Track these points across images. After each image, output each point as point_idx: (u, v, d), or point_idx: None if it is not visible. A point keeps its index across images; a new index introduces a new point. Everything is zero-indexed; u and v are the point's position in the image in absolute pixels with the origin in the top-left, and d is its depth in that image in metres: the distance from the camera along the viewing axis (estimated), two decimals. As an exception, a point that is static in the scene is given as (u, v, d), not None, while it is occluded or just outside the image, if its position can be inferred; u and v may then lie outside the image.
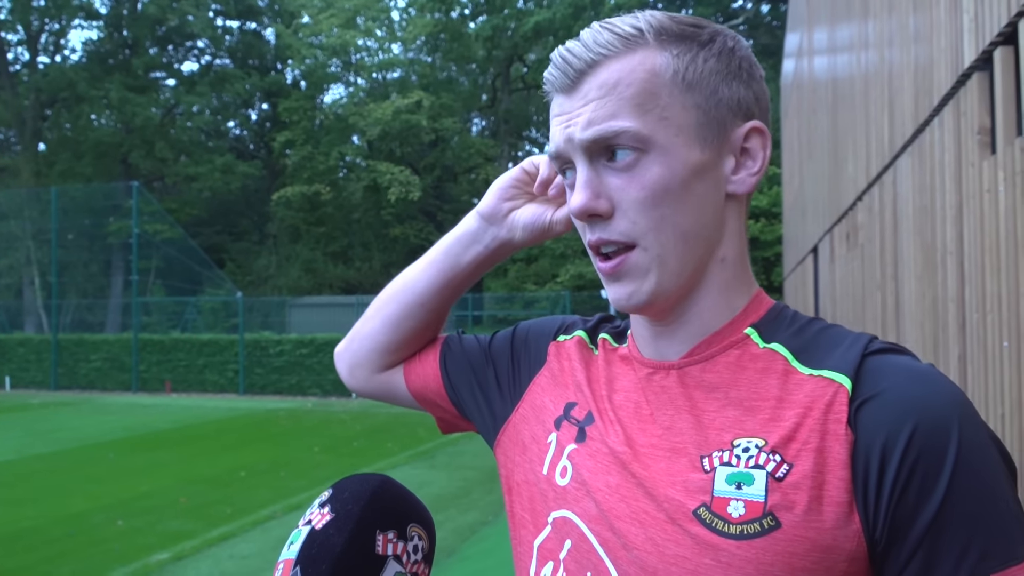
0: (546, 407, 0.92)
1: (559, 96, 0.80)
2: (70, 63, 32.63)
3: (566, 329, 0.98)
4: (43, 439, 11.69)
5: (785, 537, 0.69)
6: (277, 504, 7.38)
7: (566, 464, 0.84)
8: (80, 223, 25.58)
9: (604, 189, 0.77)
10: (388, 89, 31.15)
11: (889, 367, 0.72)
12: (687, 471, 0.75)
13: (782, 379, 0.75)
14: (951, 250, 3.20)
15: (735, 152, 0.79)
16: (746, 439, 0.74)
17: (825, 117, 8.64)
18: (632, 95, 0.75)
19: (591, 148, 0.77)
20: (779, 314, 0.81)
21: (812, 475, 0.69)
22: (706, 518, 0.72)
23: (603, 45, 0.77)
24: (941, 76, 3.28)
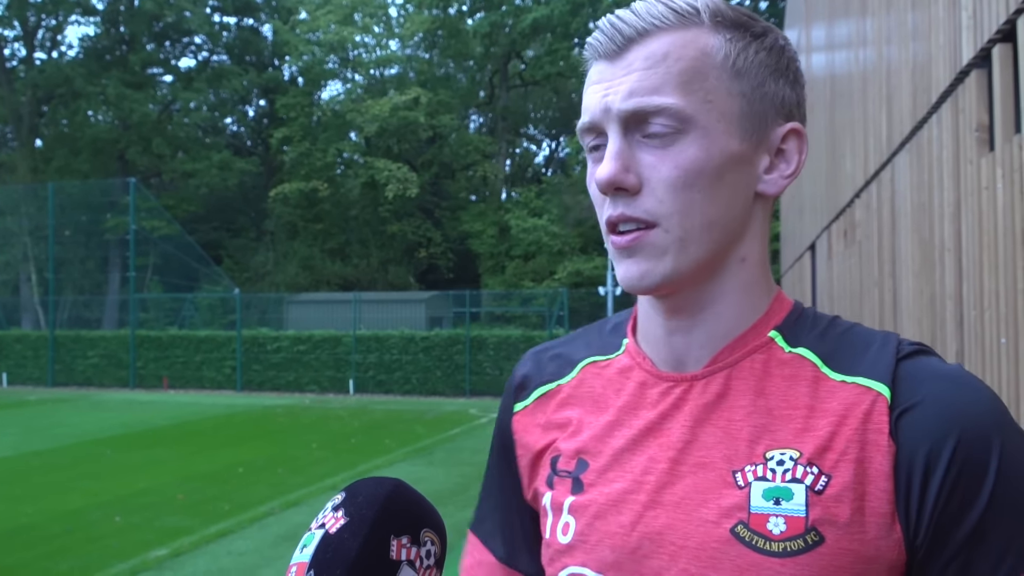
0: (528, 473, 0.87)
1: (601, 62, 0.76)
2: (67, 59, 32.57)
3: (517, 394, 0.90)
4: (40, 436, 11.69)
5: (829, 552, 0.67)
6: (275, 501, 7.38)
7: (567, 520, 0.79)
8: (77, 219, 25.56)
9: (635, 164, 0.73)
10: (386, 85, 31.12)
11: (925, 373, 0.70)
12: (719, 487, 0.71)
13: (812, 386, 0.73)
14: (949, 247, 3.21)
15: (771, 151, 0.77)
16: (779, 451, 0.71)
17: (823, 114, 8.64)
18: (680, 71, 0.72)
19: (628, 120, 0.73)
20: (801, 315, 0.79)
21: (853, 486, 0.68)
22: (745, 536, 0.69)
23: (656, 16, 0.74)
24: (939, 73, 3.28)
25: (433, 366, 18.32)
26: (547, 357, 0.90)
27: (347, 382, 18.59)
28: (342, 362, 18.78)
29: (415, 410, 15.16)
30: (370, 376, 18.55)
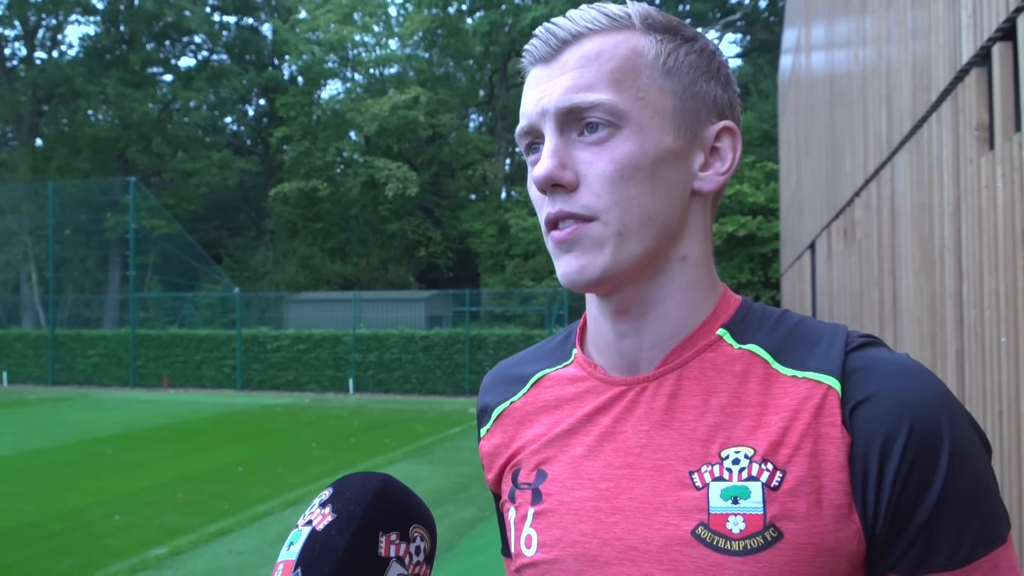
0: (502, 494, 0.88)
1: (537, 67, 0.78)
2: (67, 59, 32.56)
3: (480, 420, 0.92)
4: (40, 434, 11.69)
5: (789, 547, 0.68)
6: (275, 500, 7.38)
7: (529, 533, 0.79)
8: (77, 218, 25.56)
9: (571, 161, 0.74)
10: (385, 85, 31.11)
11: (875, 364, 0.71)
12: (677, 489, 0.72)
13: (763, 382, 0.73)
14: (949, 246, 3.20)
15: (705, 149, 0.78)
16: (734, 449, 0.71)
17: (823, 113, 8.64)
18: (612, 68, 0.74)
19: (564, 118, 0.74)
20: (749, 311, 0.79)
21: (808, 480, 0.69)
22: (706, 537, 0.70)
23: (589, 20, 0.76)
24: (939, 72, 3.28)
25: (433, 365, 18.32)
26: (501, 378, 0.91)
27: (347, 381, 18.59)
28: (342, 361, 18.78)
29: (415, 409, 15.16)
30: (370, 375, 18.55)
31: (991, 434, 2.69)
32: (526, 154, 0.79)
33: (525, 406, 0.86)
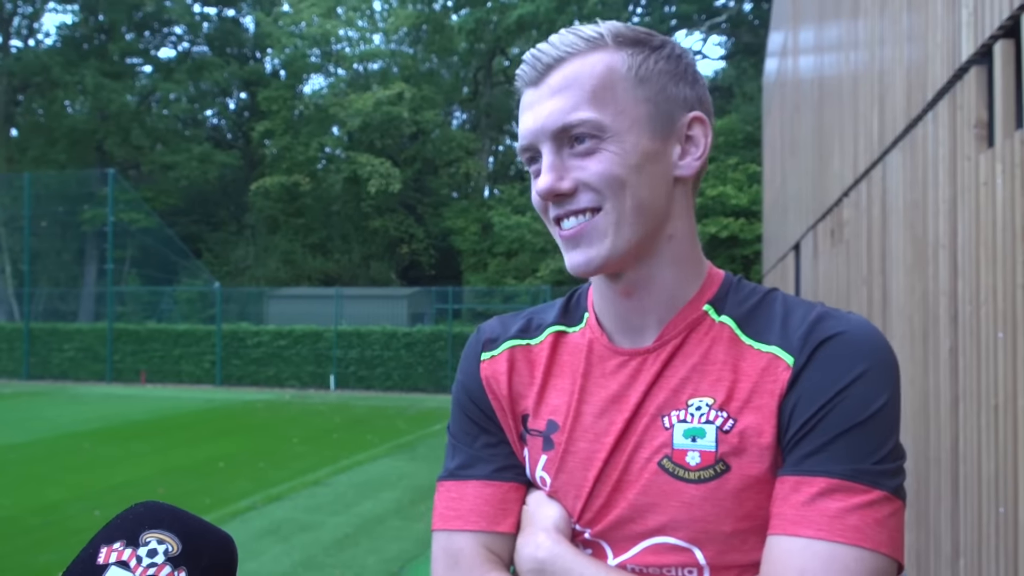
0: (509, 424, 0.98)
1: (528, 89, 0.90)
2: (44, 47, 32.07)
3: (485, 345, 1.01)
4: (17, 429, 11.51)
5: (734, 478, 0.84)
6: (256, 495, 7.32)
7: (542, 475, 0.94)
8: (53, 210, 25.19)
9: (567, 171, 0.87)
10: (369, 80, 30.94)
11: (816, 337, 0.84)
12: (652, 431, 0.88)
13: (729, 348, 0.88)
14: (944, 243, 3.23)
15: (681, 140, 0.90)
16: (698, 399, 0.87)
17: (810, 114, 8.69)
18: (592, 88, 0.86)
19: (556, 136, 0.87)
20: (730, 287, 0.93)
21: (753, 427, 0.84)
22: (669, 467, 0.86)
23: (568, 44, 0.88)
24: (936, 71, 3.30)
25: (415, 362, 18.25)
26: (514, 320, 1.02)
27: (328, 377, 18.48)
28: (323, 357, 18.66)
29: (397, 406, 15.10)
30: (351, 372, 18.45)
31: (986, 430, 2.71)
32: (527, 166, 0.92)
33: (540, 353, 0.98)
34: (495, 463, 0.97)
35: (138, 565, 0.70)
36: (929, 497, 3.48)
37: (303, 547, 5.74)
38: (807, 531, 0.77)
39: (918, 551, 3.74)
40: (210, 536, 0.75)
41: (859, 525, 0.76)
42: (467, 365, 1.01)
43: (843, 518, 0.77)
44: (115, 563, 0.70)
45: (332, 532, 6.13)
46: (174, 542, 0.72)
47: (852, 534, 0.76)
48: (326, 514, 6.69)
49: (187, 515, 0.76)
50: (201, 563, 0.72)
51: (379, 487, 7.71)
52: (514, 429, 0.97)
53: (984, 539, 2.72)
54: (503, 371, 0.98)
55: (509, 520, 0.94)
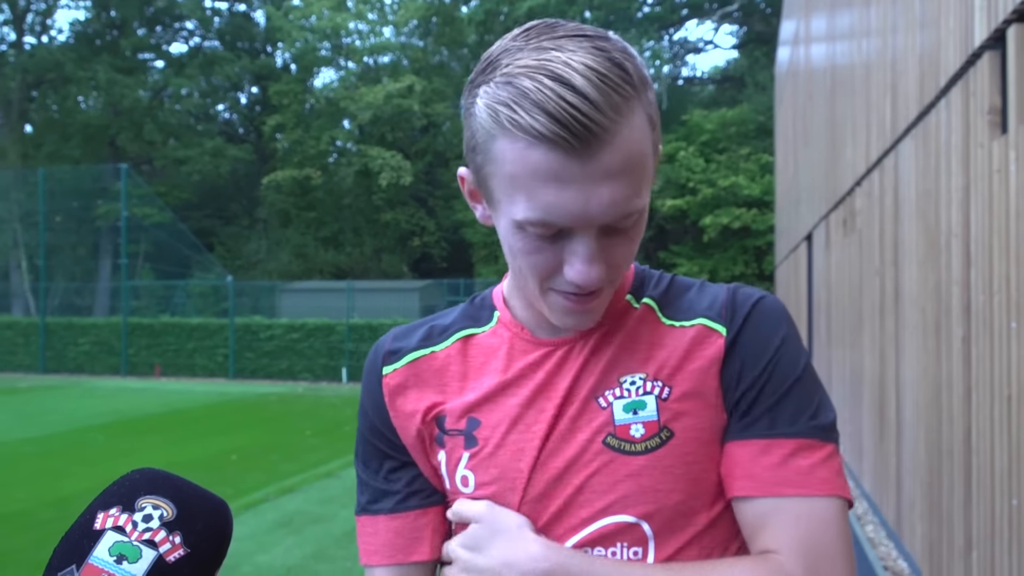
0: (414, 436, 0.94)
1: (565, 157, 0.73)
2: (57, 43, 32.23)
3: (386, 359, 0.97)
4: (32, 422, 11.61)
5: (679, 442, 0.85)
6: (270, 487, 7.35)
7: (465, 474, 0.91)
8: (68, 205, 25.37)
9: (605, 254, 0.80)
10: (379, 73, 30.93)
11: (741, 305, 0.88)
12: (589, 414, 0.87)
13: (652, 328, 0.90)
14: (956, 233, 3.18)
15: None
16: (630, 375, 0.87)
17: (823, 104, 8.61)
18: (643, 170, 0.77)
19: (606, 225, 0.78)
20: (643, 277, 0.94)
21: (692, 392, 0.85)
22: (614, 444, 0.85)
23: (616, 109, 0.73)
24: (949, 57, 3.26)
25: (427, 355, 18.26)
26: (413, 330, 0.99)
27: (340, 370, 18.55)
28: (335, 350, 18.73)
29: (409, 399, 15.15)
30: (363, 365, 18.51)
31: (999, 420, 2.68)
32: (535, 237, 0.79)
33: (448, 358, 0.95)
34: (399, 495, 0.95)
35: (134, 530, 0.70)
36: (942, 489, 3.45)
37: (315, 539, 5.76)
38: (788, 490, 0.83)
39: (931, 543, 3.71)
40: (204, 502, 0.76)
41: (828, 477, 0.83)
42: (368, 382, 0.98)
43: (814, 472, 0.83)
44: (111, 528, 0.70)
45: (344, 524, 6.15)
46: (169, 508, 0.73)
47: (824, 486, 0.83)
48: (338, 506, 6.71)
49: (182, 481, 0.76)
50: (196, 527, 0.72)
51: (391, 479, 7.74)
52: (426, 437, 0.93)
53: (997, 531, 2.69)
54: (408, 383, 0.95)
55: (422, 548, 0.94)
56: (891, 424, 4.81)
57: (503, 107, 0.74)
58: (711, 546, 0.86)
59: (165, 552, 0.70)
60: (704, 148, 25.71)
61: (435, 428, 0.93)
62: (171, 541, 0.71)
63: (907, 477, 4.34)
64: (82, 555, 0.69)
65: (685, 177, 24.96)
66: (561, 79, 0.72)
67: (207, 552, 0.72)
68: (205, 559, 0.72)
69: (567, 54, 0.73)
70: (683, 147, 25.62)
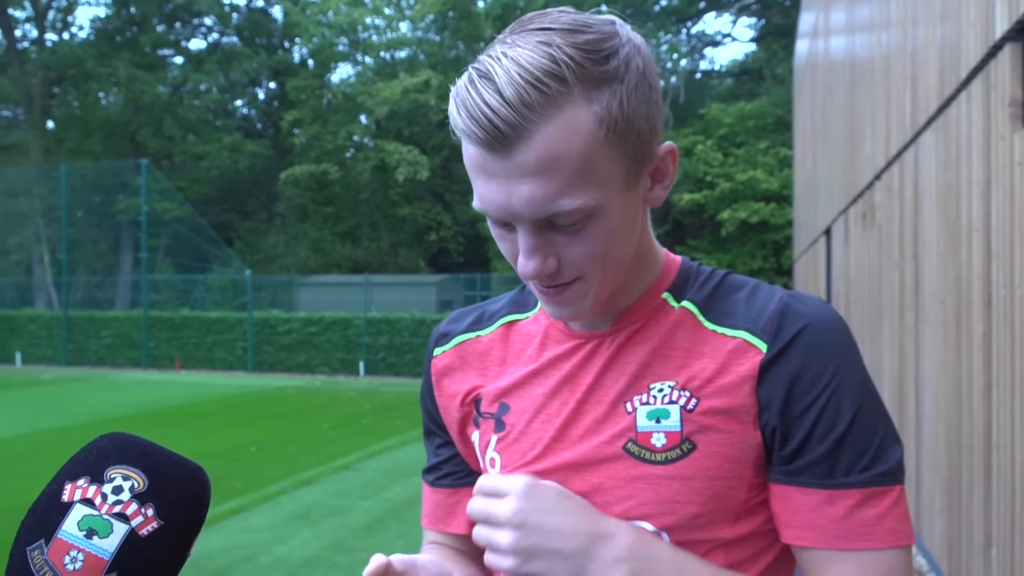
0: (456, 417, 0.98)
1: (483, 152, 0.76)
2: (78, 40, 32.54)
3: (438, 341, 1.02)
4: (55, 414, 11.78)
5: (702, 456, 0.82)
6: (287, 479, 7.42)
7: (493, 456, 0.93)
8: (89, 200, 25.64)
9: (551, 248, 0.79)
10: (396, 68, 30.99)
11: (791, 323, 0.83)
12: (613, 417, 0.86)
13: (691, 333, 0.87)
14: (977, 226, 3.16)
15: (651, 172, 0.83)
16: (660, 382, 0.85)
17: (842, 97, 8.54)
18: (573, 170, 0.75)
19: (538, 221, 0.77)
20: (688, 275, 0.91)
21: (721, 408, 0.83)
22: (634, 451, 0.84)
23: (531, 107, 0.73)
24: (969, 49, 3.22)
25: (443, 349, 18.31)
26: (468, 314, 1.02)
27: (358, 364, 18.64)
28: (353, 344, 18.83)
29: (426, 392, 15.21)
30: (381, 358, 18.59)
31: (1020, 415, 2.66)
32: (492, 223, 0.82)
33: (491, 343, 0.98)
34: (440, 470, 1.03)
35: (103, 503, 0.67)
36: (961, 485, 3.42)
37: (333, 531, 5.81)
38: (855, 544, 0.80)
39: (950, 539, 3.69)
40: (178, 468, 0.71)
41: (894, 527, 0.81)
42: (425, 363, 1.04)
43: (880, 524, 0.80)
44: (80, 500, 0.67)
45: (361, 516, 6.19)
46: (140, 478, 0.69)
47: (890, 537, 0.80)
48: (356, 498, 6.76)
49: (153, 447, 0.72)
50: (169, 498, 0.69)
51: (408, 472, 7.77)
52: (465, 418, 0.97)
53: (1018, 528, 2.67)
54: (454, 365, 0.99)
55: (456, 522, 1.01)
56: (910, 419, 4.78)
57: (451, 105, 0.78)
58: (739, 559, 0.85)
59: (137, 526, 0.67)
60: (722, 142, 25.57)
61: (473, 410, 0.97)
62: (143, 514, 0.67)
63: (926, 473, 4.32)
64: (50, 529, 0.66)
65: (703, 171, 24.83)
66: (486, 76, 0.74)
67: (182, 522, 0.69)
68: (181, 529, 0.68)
69: (511, 50, 0.74)
70: (701, 141, 25.49)
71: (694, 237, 26.76)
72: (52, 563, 0.65)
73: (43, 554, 0.65)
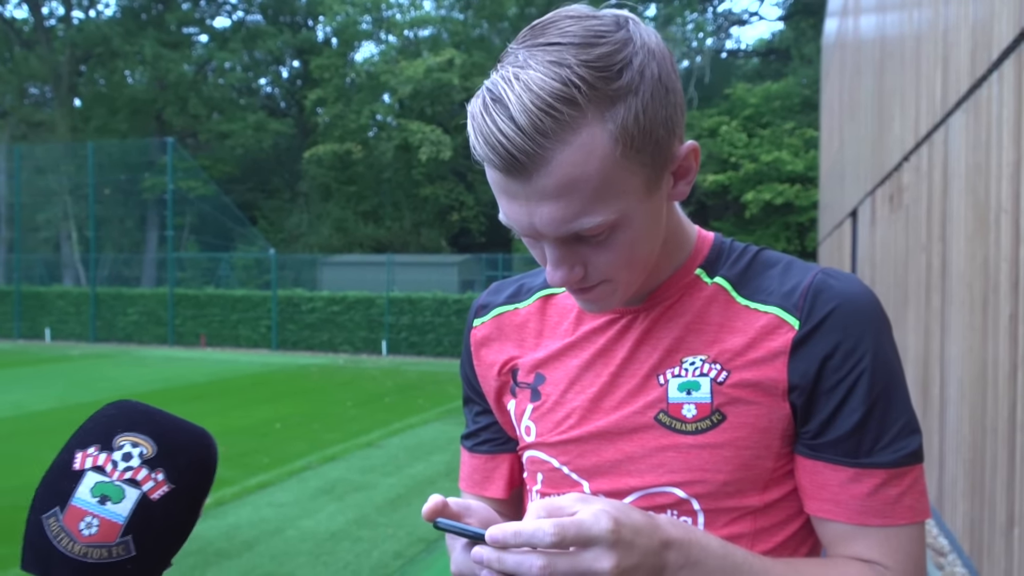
0: (494, 386, 1.02)
1: (507, 177, 0.77)
2: (104, 18, 32.74)
3: (477, 312, 1.06)
4: (84, 389, 12.01)
5: (731, 426, 0.85)
6: (312, 455, 7.54)
7: (528, 424, 0.97)
8: (116, 178, 25.88)
9: (577, 259, 0.82)
10: (420, 47, 30.90)
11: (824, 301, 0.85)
12: (646, 389, 0.89)
13: (724, 308, 0.89)
14: (1007, 208, 3.13)
15: (673, 171, 0.84)
16: (692, 356, 0.88)
17: (871, 77, 8.43)
18: (593, 190, 0.76)
19: (563, 238, 0.80)
20: (720, 251, 0.93)
21: (751, 381, 0.85)
22: (666, 421, 0.88)
23: (545, 134, 0.73)
24: (1002, 29, 3.18)
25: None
26: (507, 286, 1.06)
27: (380, 343, 18.79)
28: (375, 323, 18.96)
29: (447, 372, 15.29)
30: (403, 337, 18.72)
31: (1046, 398, 2.65)
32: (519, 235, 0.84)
33: (529, 316, 1.01)
34: (477, 438, 1.07)
35: (114, 469, 0.69)
36: (985, 466, 3.42)
37: (357, 506, 5.91)
38: (876, 520, 0.84)
39: (972, 520, 3.69)
40: (185, 434, 0.74)
41: (913, 504, 0.85)
42: (465, 333, 1.08)
43: (901, 501, 0.84)
44: (91, 468, 0.69)
45: (385, 492, 6.29)
46: (148, 444, 0.71)
47: (909, 514, 0.84)
48: (379, 475, 6.86)
49: (160, 414, 0.75)
50: (178, 462, 0.71)
51: (430, 450, 7.86)
52: (502, 387, 1.01)
53: (1040, 509, 2.67)
54: (492, 336, 1.03)
55: (494, 486, 1.05)
56: (935, 402, 4.76)
57: (469, 128, 0.79)
58: (765, 526, 0.88)
59: (149, 490, 0.69)
60: (747, 122, 25.30)
61: (510, 379, 1.01)
62: (154, 479, 0.69)
63: (950, 454, 4.31)
64: (64, 497, 0.68)
65: (727, 152, 24.61)
66: (499, 101, 0.75)
67: (191, 485, 0.71)
68: (190, 493, 0.71)
69: (523, 73, 0.74)
70: (725, 121, 25.24)
71: (717, 218, 26.58)
72: (68, 529, 0.67)
73: (59, 521, 0.67)
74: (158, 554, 0.69)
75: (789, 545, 0.89)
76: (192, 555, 4.85)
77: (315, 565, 4.71)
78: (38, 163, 26.51)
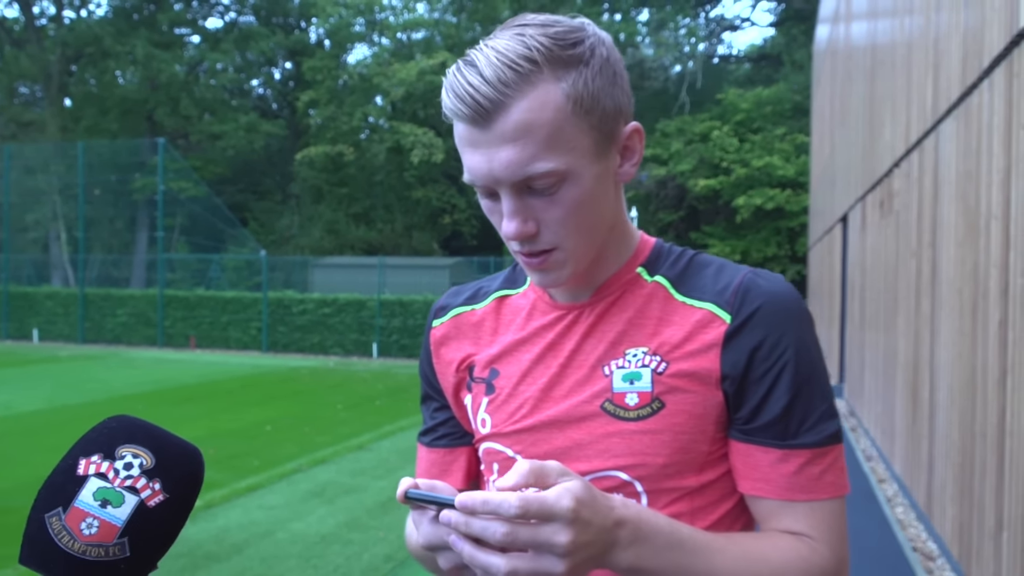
0: (451, 382, 1.09)
1: (469, 127, 0.88)
2: (96, 18, 32.59)
3: (436, 314, 1.14)
4: (72, 390, 11.93)
5: (669, 413, 0.93)
6: (303, 458, 7.51)
7: (484, 417, 1.04)
8: (106, 179, 25.75)
9: (530, 213, 0.90)
10: (413, 49, 30.89)
11: (752, 299, 0.93)
12: (592, 379, 0.97)
13: (664, 304, 0.98)
14: (996, 215, 3.15)
15: (620, 149, 0.94)
16: (634, 348, 0.96)
17: (862, 83, 8.47)
18: (545, 136, 0.86)
19: (516, 184, 0.88)
20: (660, 252, 1.03)
21: (687, 371, 0.93)
22: (610, 409, 0.95)
23: (507, 84, 0.85)
24: (993, 37, 3.21)
25: (456, 331, 18.34)
26: (465, 290, 1.14)
27: (371, 345, 18.75)
28: (366, 326, 18.93)
29: (438, 374, 15.29)
30: (394, 340, 18.69)
31: (1035, 404, 2.67)
32: (480, 194, 0.93)
33: (485, 315, 1.09)
34: (437, 432, 1.13)
35: (116, 477, 0.75)
36: (974, 471, 3.44)
37: (347, 509, 5.89)
38: (802, 495, 0.92)
39: (961, 524, 3.71)
40: (179, 450, 0.80)
41: (834, 480, 0.93)
42: (425, 333, 1.15)
43: (824, 478, 0.93)
44: (94, 474, 0.75)
45: (375, 495, 6.27)
46: (147, 456, 0.77)
47: (831, 489, 0.93)
48: (369, 478, 6.84)
49: (157, 430, 0.81)
50: (173, 475, 0.77)
51: (421, 453, 7.85)
52: (459, 383, 1.08)
53: (1029, 514, 2.69)
54: (450, 335, 1.10)
55: (452, 478, 1.11)
56: (924, 407, 4.78)
57: (442, 91, 0.91)
58: (702, 505, 0.96)
59: (146, 498, 0.75)
60: (738, 128, 25.38)
61: (467, 375, 1.08)
62: (151, 488, 0.76)
63: (939, 459, 4.33)
64: (68, 498, 0.74)
65: (718, 157, 24.69)
66: (470, 63, 0.88)
67: (183, 496, 0.78)
68: (181, 502, 0.77)
69: (492, 41, 0.89)
70: (717, 126, 25.31)
71: (709, 223, 26.64)
72: (69, 528, 0.73)
73: (61, 520, 0.73)
74: (148, 556, 0.75)
75: (724, 522, 0.97)
76: (182, 557, 4.82)
77: (305, 568, 4.69)
78: (27, 163, 26.35)
